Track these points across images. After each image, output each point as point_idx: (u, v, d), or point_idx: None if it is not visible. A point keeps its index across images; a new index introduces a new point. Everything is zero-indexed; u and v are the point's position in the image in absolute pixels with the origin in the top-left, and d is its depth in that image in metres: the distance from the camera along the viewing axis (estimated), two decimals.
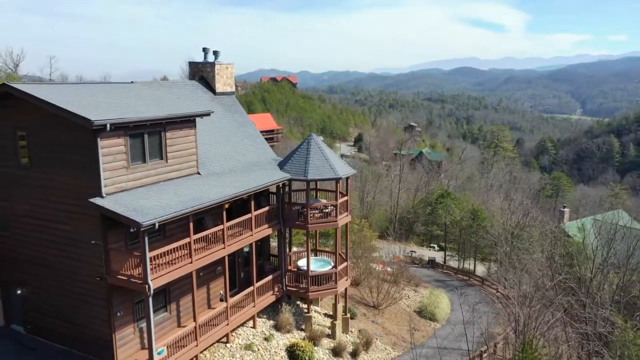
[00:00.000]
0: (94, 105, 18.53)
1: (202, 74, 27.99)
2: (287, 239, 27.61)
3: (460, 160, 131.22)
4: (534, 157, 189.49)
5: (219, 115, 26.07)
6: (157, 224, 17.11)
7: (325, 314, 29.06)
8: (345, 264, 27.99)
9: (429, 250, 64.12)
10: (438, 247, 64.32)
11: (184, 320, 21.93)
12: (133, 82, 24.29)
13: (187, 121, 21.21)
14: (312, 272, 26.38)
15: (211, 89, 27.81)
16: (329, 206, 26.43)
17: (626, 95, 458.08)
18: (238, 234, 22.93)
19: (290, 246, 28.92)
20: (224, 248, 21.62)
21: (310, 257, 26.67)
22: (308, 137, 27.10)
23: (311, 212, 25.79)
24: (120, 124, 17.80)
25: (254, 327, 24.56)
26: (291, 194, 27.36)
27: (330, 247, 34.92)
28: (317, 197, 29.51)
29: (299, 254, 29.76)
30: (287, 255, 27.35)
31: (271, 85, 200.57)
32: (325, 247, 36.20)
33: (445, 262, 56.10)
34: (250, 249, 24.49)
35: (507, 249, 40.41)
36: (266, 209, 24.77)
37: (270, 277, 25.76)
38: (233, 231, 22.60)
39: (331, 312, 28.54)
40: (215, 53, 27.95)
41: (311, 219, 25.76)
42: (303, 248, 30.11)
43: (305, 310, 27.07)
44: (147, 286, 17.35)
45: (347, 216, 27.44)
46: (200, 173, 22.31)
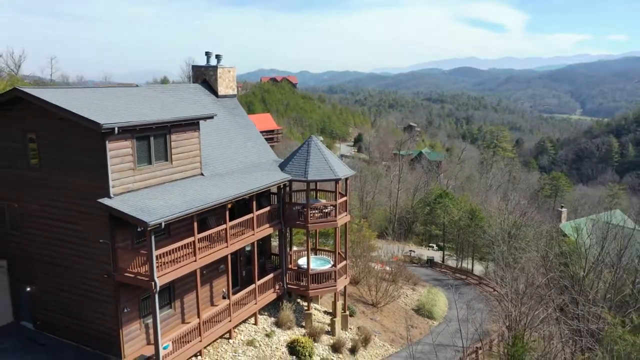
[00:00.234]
0: (102, 109, 19.19)
1: (204, 77, 28.68)
2: (288, 238, 28.35)
3: (460, 160, 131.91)
4: (533, 157, 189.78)
5: (221, 118, 26.74)
6: (163, 224, 17.81)
7: (325, 312, 29.73)
8: (344, 262, 28.69)
9: (428, 249, 64.66)
10: (437, 247, 64.85)
11: (188, 317, 22.61)
12: (137, 85, 24.97)
13: (191, 124, 21.89)
14: (312, 270, 27.05)
15: (214, 91, 28.50)
16: (328, 206, 27.10)
17: (626, 95, 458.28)
18: (240, 233, 23.61)
19: (290, 245, 29.63)
20: (226, 247, 22.30)
21: (310, 256, 27.34)
22: (308, 139, 27.76)
23: (311, 212, 26.47)
24: (128, 127, 18.49)
25: (255, 323, 25.24)
26: (292, 195, 28.04)
27: (330, 246, 35.54)
28: (317, 197, 30.18)
29: (299, 252, 30.50)
30: (287, 254, 28.04)
31: (271, 86, 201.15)
32: (325, 246, 36.80)
33: (444, 262, 56.68)
34: (252, 247, 25.15)
35: (504, 248, 41.01)
36: (267, 209, 25.46)
37: (271, 275, 26.45)
38: (235, 230, 23.28)
39: (331, 310, 29.20)
40: (218, 57, 28.62)
41: (311, 219, 26.45)
42: (303, 247, 30.77)
43: (305, 307, 27.75)
44: (153, 283, 18.05)
45: (346, 216, 28.12)
46: (203, 174, 22.99)
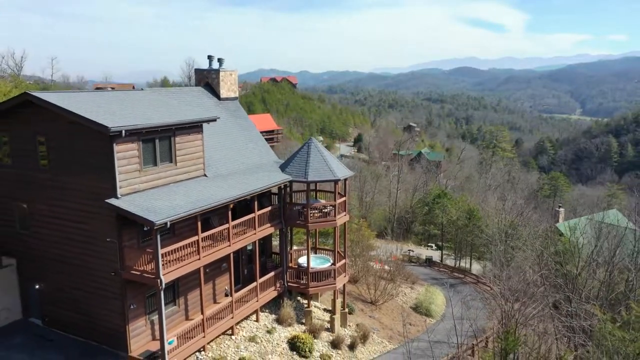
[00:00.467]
0: (109, 113, 19.88)
1: (207, 80, 29.38)
2: (288, 238, 29.07)
3: (459, 160, 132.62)
4: (532, 157, 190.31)
5: (223, 120, 27.43)
6: (168, 223, 18.49)
7: (325, 309, 30.41)
8: (343, 261, 29.38)
9: (427, 249, 65.31)
10: (435, 247, 65.51)
11: (192, 314, 23.30)
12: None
13: (194, 127, 22.58)
14: (312, 269, 27.74)
15: (216, 94, 29.19)
16: (328, 206, 27.79)
17: (625, 95, 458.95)
18: (242, 232, 24.30)
19: (291, 244, 30.33)
20: (229, 246, 22.99)
21: (310, 254, 28.05)
22: (308, 141, 28.44)
23: (311, 212, 27.16)
24: (134, 130, 19.18)
25: (257, 320, 25.95)
26: (292, 195, 28.75)
27: (330, 245, 36.21)
28: (316, 197, 30.89)
29: (300, 251, 31.20)
30: (288, 253, 28.74)
31: (271, 86, 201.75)
32: (324, 245, 37.50)
33: (442, 261, 57.34)
34: (253, 246, 25.83)
35: (501, 247, 41.65)
36: (268, 209, 26.16)
37: (272, 273, 27.14)
38: (237, 230, 23.97)
39: (330, 307, 29.88)
40: (220, 60, 29.32)
41: (311, 219, 27.14)
42: (303, 246, 31.46)
43: (305, 305, 28.44)
44: (159, 280, 18.74)
45: (345, 216, 28.80)
46: (206, 175, 23.67)
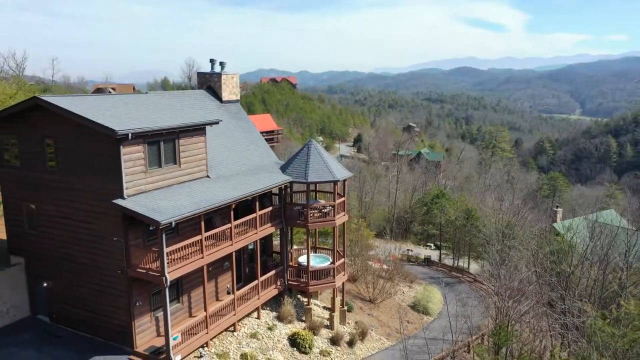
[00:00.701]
0: (116, 116, 20.57)
1: (209, 83, 30.05)
2: (289, 237, 29.76)
3: (459, 160, 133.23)
4: (532, 158, 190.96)
5: (225, 122, 28.09)
6: (173, 223, 19.18)
7: (324, 307, 31.10)
8: (342, 260, 30.07)
9: (426, 249, 65.95)
10: (434, 246, 66.16)
11: (195, 311, 23.99)
12: (147, 92, 26.35)
13: (198, 129, 23.26)
14: (312, 267, 28.42)
15: (218, 97, 29.87)
16: (327, 206, 28.47)
17: (625, 95, 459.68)
18: (244, 232, 24.98)
19: (291, 244, 31.01)
20: (231, 245, 23.67)
21: (310, 253, 28.73)
22: (308, 143, 29.13)
23: (311, 212, 27.84)
24: (140, 133, 19.85)
25: (258, 317, 26.62)
26: (292, 195, 29.45)
27: (329, 245, 36.88)
28: (316, 198, 31.59)
29: (300, 251, 31.88)
30: (288, 252, 29.41)
31: (271, 86, 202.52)
32: (324, 245, 38.14)
33: (441, 260, 58.03)
34: (254, 246, 26.50)
35: (498, 247, 42.29)
36: (269, 209, 26.85)
37: (273, 272, 27.82)
38: (239, 229, 24.65)
39: (329, 305, 30.55)
40: (222, 64, 29.99)
41: (311, 219, 27.82)
42: (303, 245, 32.14)
43: (305, 303, 29.12)
44: (164, 278, 19.41)
45: (344, 216, 29.48)
46: (209, 176, 24.35)
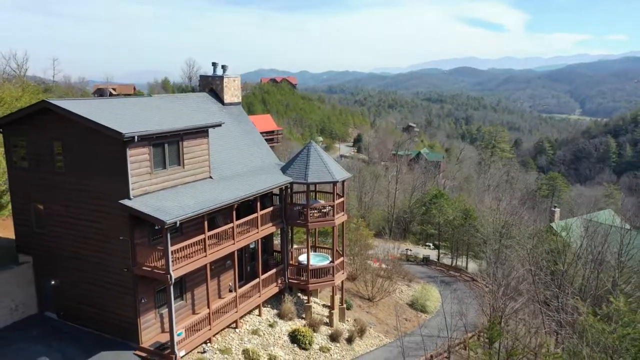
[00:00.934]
0: (122, 119, 21.25)
1: (211, 86, 30.76)
2: (289, 236, 30.48)
3: (458, 160, 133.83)
4: (531, 158, 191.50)
5: (227, 124, 28.76)
6: (178, 222, 19.86)
7: (324, 305, 31.77)
8: (341, 259, 30.76)
9: (425, 248, 66.56)
10: (433, 246, 66.80)
11: (198, 308, 24.67)
12: (151, 95, 27.01)
13: (201, 131, 23.95)
14: (312, 266, 29.11)
15: (220, 99, 30.57)
16: (327, 206, 29.15)
17: (625, 95, 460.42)
18: (245, 231, 25.66)
19: (291, 243, 31.71)
20: (233, 244, 24.37)
21: (310, 253, 29.43)
22: (308, 144, 29.82)
23: (311, 212, 28.52)
24: (146, 135, 20.56)
25: (259, 315, 27.31)
26: (292, 196, 30.13)
27: (329, 244, 37.48)
28: (316, 198, 32.27)
29: (300, 250, 32.56)
30: (289, 251, 30.13)
31: (271, 87, 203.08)
32: (323, 244, 38.76)
33: (439, 260, 58.70)
34: (256, 245, 27.21)
35: (495, 246, 42.96)
36: (270, 209, 27.54)
37: (273, 270, 28.51)
38: (241, 229, 25.33)
39: (329, 303, 31.23)
40: (224, 67, 30.70)
41: (311, 218, 28.50)
42: (303, 245, 32.80)
43: (305, 300, 29.81)
44: (169, 276, 20.11)
45: (343, 215, 30.16)
46: (212, 177, 25.04)
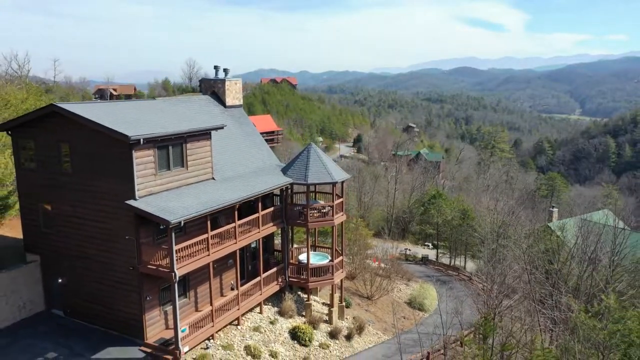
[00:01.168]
0: (127, 122, 21.92)
1: (213, 89, 31.44)
2: (290, 236, 31.16)
3: (458, 160, 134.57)
4: (531, 158, 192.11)
5: (229, 127, 29.44)
6: (182, 222, 20.53)
7: (323, 303, 32.44)
8: (340, 258, 31.44)
9: (423, 248, 67.21)
10: (432, 246, 67.44)
11: (201, 306, 25.34)
12: (155, 98, 27.68)
13: (204, 134, 24.63)
14: (312, 265, 29.79)
15: (222, 102, 31.25)
16: (326, 207, 29.82)
17: (625, 95, 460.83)
18: (247, 231, 26.33)
19: (292, 242, 32.40)
20: (235, 243, 25.03)
21: (310, 252, 30.10)
22: (308, 146, 30.48)
23: (311, 212, 29.19)
24: (151, 138, 21.23)
25: (260, 312, 27.99)
26: (293, 196, 30.84)
27: (328, 243, 38.12)
28: (316, 198, 32.96)
29: (300, 249, 33.24)
30: (289, 250, 30.80)
31: (271, 87, 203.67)
32: (323, 243, 39.43)
33: (438, 259, 59.36)
34: (257, 244, 27.88)
35: (493, 246, 43.54)
36: (271, 209, 28.21)
37: (274, 269, 29.17)
38: (243, 229, 25.99)
39: (328, 301, 31.91)
40: (226, 70, 31.40)
41: (311, 218, 29.17)
42: (303, 244, 33.45)
43: (305, 298, 30.49)
44: (173, 274, 20.78)
45: (342, 216, 30.83)
46: (214, 178, 25.72)
